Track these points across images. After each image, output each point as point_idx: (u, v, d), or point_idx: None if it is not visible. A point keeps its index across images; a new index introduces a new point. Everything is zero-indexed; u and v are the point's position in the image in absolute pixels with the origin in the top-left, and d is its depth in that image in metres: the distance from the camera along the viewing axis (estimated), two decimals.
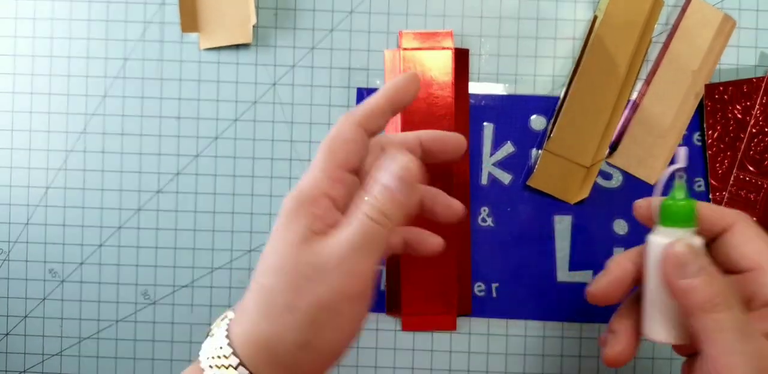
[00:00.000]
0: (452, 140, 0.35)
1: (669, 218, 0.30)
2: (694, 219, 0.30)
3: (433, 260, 0.40)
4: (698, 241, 0.29)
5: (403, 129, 0.42)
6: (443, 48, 0.42)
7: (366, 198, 0.28)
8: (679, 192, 0.30)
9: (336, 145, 0.30)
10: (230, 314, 0.30)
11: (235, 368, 0.27)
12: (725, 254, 0.30)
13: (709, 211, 0.31)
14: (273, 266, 0.28)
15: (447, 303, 0.42)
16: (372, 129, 0.31)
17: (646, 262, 0.30)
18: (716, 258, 0.30)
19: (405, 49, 0.42)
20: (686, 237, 0.29)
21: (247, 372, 0.27)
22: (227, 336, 0.28)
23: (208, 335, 0.30)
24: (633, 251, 0.32)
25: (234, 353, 0.27)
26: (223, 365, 0.27)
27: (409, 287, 0.41)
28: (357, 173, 0.31)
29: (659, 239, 0.30)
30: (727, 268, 0.30)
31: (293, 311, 0.27)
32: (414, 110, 0.42)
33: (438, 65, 0.41)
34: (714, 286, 0.27)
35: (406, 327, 0.43)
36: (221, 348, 0.28)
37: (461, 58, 0.44)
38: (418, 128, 0.41)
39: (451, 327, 0.43)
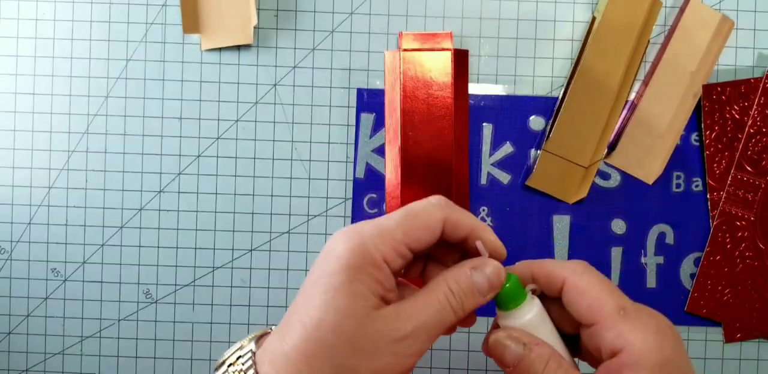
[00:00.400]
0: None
1: (502, 302, 0.30)
2: (522, 292, 0.30)
3: None
4: (534, 311, 0.30)
5: (403, 129, 0.42)
6: (443, 49, 0.42)
7: (451, 285, 0.29)
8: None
9: (418, 224, 0.29)
10: (250, 345, 0.29)
11: None
12: (569, 310, 0.30)
13: (546, 270, 0.30)
14: (333, 326, 0.27)
15: None
16: (452, 236, 0.30)
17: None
18: (570, 311, 0.30)
19: (405, 50, 0.42)
20: (520, 318, 0.30)
21: None
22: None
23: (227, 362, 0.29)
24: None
25: None
26: None
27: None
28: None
29: (504, 323, 0.30)
30: (580, 322, 0.29)
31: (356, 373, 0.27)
32: (413, 110, 0.42)
33: (437, 66, 0.42)
34: (531, 360, 0.28)
35: None
36: None
37: (461, 59, 0.44)
38: (417, 127, 0.41)
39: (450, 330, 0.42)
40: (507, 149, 0.45)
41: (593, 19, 0.44)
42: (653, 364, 0.27)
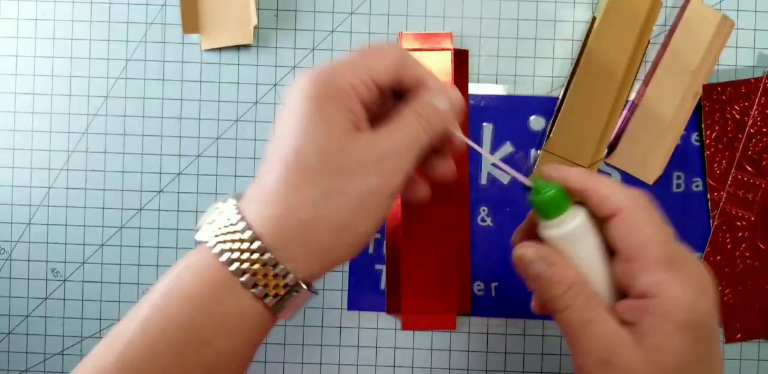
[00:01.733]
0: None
1: (543, 210, 0.29)
2: (567, 201, 0.29)
3: (432, 260, 0.40)
4: (573, 224, 0.29)
5: None
6: (442, 49, 0.42)
7: (416, 108, 0.29)
8: (539, 183, 0.29)
9: (377, 55, 0.29)
10: (229, 199, 0.29)
11: (262, 254, 0.26)
12: (612, 240, 0.28)
13: (602, 193, 0.28)
14: (314, 150, 0.27)
15: (446, 302, 0.42)
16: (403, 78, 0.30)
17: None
18: (607, 234, 0.29)
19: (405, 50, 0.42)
20: (563, 227, 0.29)
21: (269, 255, 0.26)
22: (242, 218, 0.27)
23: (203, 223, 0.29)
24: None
25: (254, 234, 0.26)
26: (243, 249, 0.26)
27: (409, 286, 0.42)
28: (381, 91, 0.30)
29: (546, 233, 0.29)
30: (616, 250, 0.28)
31: (343, 196, 0.27)
32: None
33: (437, 66, 0.42)
34: (555, 289, 0.28)
35: (405, 326, 0.43)
36: (240, 230, 0.27)
37: (460, 59, 0.44)
38: None
39: (451, 326, 0.43)
40: (507, 149, 0.45)
41: (593, 19, 0.44)
42: (682, 322, 0.26)
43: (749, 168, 0.44)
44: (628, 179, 0.45)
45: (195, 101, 0.45)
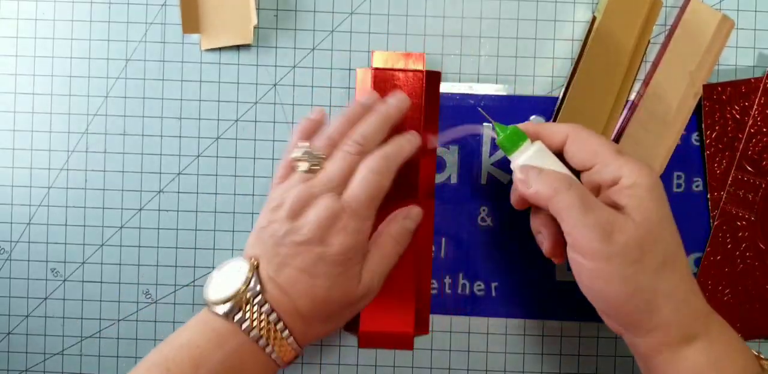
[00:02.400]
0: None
1: (506, 147, 0.37)
2: (524, 138, 0.37)
3: (392, 281, 0.39)
4: (532, 150, 0.36)
5: None
6: (415, 70, 0.42)
7: (394, 235, 0.39)
8: (499, 127, 0.37)
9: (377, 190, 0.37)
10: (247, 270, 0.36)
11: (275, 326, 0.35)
12: (571, 160, 0.36)
13: (544, 130, 0.37)
14: (336, 300, 0.36)
15: (404, 322, 0.41)
16: None
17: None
18: (568, 161, 0.36)
19: (377, 69, 0.41)
20: (525, 153, 0.37)
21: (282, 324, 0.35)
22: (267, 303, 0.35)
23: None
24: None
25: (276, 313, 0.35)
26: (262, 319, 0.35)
27: (369, 306, 0.40)
28: None
29: (513, 165, 0.37)
30: (579, 168, 0.36)
31: (344, 318, 0.38)
32: None
33: (409, 87, 0.41)
34: (548, 178, 0.35)
35: (362, 345, 0.42)
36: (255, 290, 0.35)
37: (432, 80, 0.44)
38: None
39: (408, 346, 0.41)
40: None
41: (593, 19, 0.44)
42: (648, 184, 0.34)
43: (749, 168, 0.44)
44: None
45: (195, 101, 0.45)
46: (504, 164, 0.45)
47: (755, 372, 0.33)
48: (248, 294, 0.34)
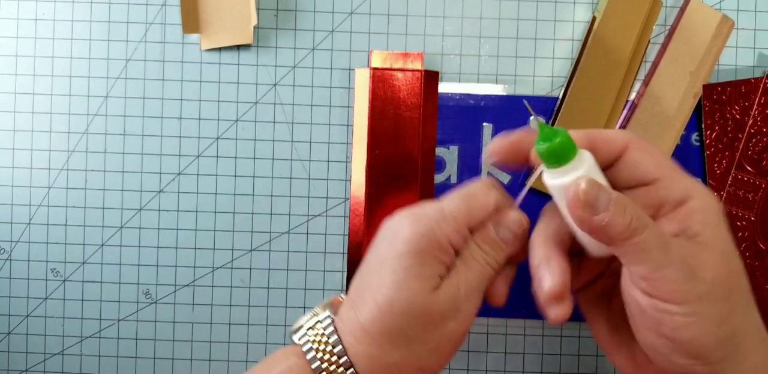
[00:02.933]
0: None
1: (552, 158, 0.29)
2: (575, 148, 0.29)
3: None
4: (587, 166, 0.29)
5: (370, 148, 0.42)
6: (413, 70, 0.42)
7: (481, 245, 0.32)
8: (545, 130, 0.28)
9: (476, 205, 0.32)
10: (324, 316, 0.32)
11: None
12: (629, 172, 0.30)
13: (600, 137, 0.31)
14: (404, 303, 0.30)
15: None
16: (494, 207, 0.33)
17: (558, 205, 0.31)
18: (618, 174, 0.31)
19: (375, 69, 0.42)
20: (578, 170, 0.28)
21: None
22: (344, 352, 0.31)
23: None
24: None
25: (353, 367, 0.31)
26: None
27: None
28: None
29: (557, 182, 0.29)
30: (633, 183, 0.30)
31: (424, 344, 0.31)
32: (381, 130, 0.42)
33: (407, 86, 0.41)
34: (627, 213, 0.28)
35: None
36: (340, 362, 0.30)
37: (431, 80, 0.44)
38: (384, 147, 0.42)
39: None
40: None
41: (593, 19, 0.44)
42: (719, 209, 0.29)
43: (749, 168, 0.44)
44: None
45: (195, 101, 0.45)
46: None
47: None
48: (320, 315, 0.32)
